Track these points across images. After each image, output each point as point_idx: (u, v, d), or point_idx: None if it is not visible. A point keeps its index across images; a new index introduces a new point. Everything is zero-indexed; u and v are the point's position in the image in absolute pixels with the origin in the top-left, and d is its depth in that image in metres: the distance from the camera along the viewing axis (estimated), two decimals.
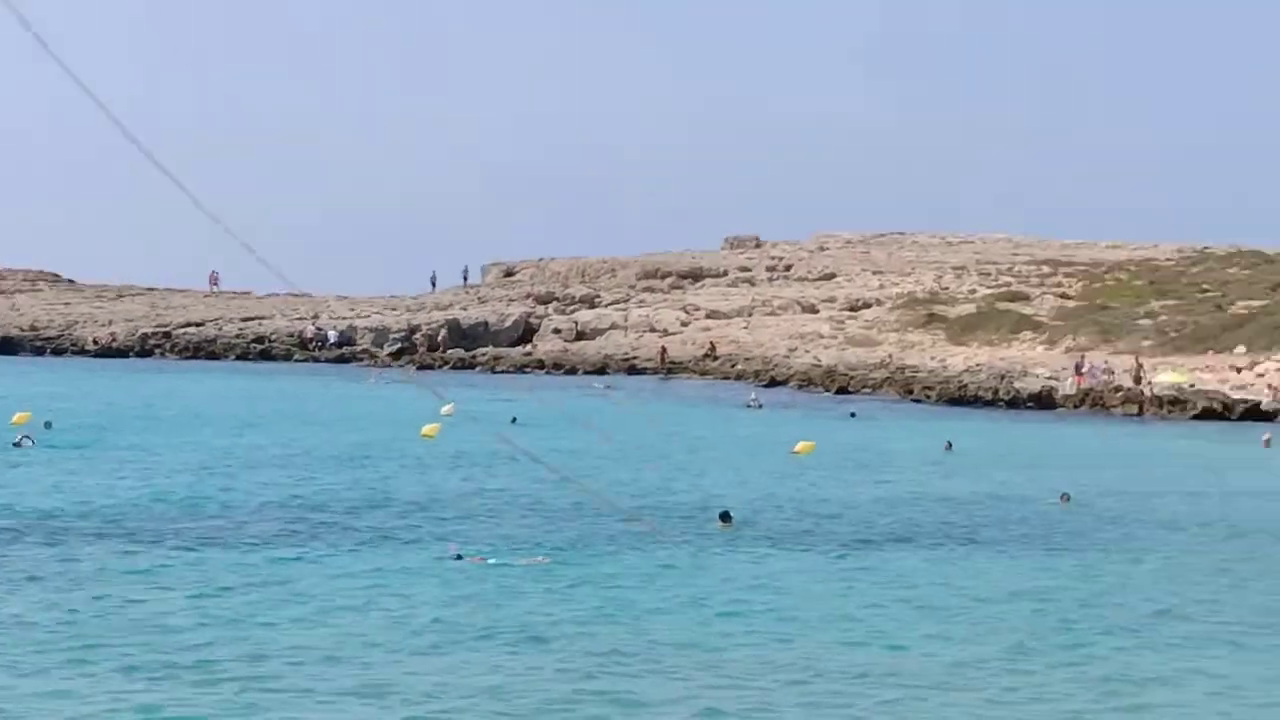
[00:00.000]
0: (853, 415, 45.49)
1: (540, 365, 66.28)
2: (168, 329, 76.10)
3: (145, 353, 73.02)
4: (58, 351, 73.43)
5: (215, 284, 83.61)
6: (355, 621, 13.06)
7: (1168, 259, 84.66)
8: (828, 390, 55.40)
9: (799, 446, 31.65)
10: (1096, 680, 11.40)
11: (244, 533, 19.34)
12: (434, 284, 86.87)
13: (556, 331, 73.01)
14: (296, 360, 72.35)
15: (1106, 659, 12.26)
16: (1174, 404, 47.12)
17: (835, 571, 17.41)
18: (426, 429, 32.85)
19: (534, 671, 11.03)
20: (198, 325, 76.81)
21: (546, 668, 11.19)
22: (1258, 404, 45.48)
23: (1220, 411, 45.29)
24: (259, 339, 75.91)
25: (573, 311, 76.45)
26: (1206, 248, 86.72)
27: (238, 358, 71.93)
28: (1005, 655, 12.26)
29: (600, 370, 64.02)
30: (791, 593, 15.50)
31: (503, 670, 11.06)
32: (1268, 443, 36.30)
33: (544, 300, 78.20)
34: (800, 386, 56.97)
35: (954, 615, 14.35)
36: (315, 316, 77.33)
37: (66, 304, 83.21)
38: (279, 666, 10.99)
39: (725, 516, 20.18)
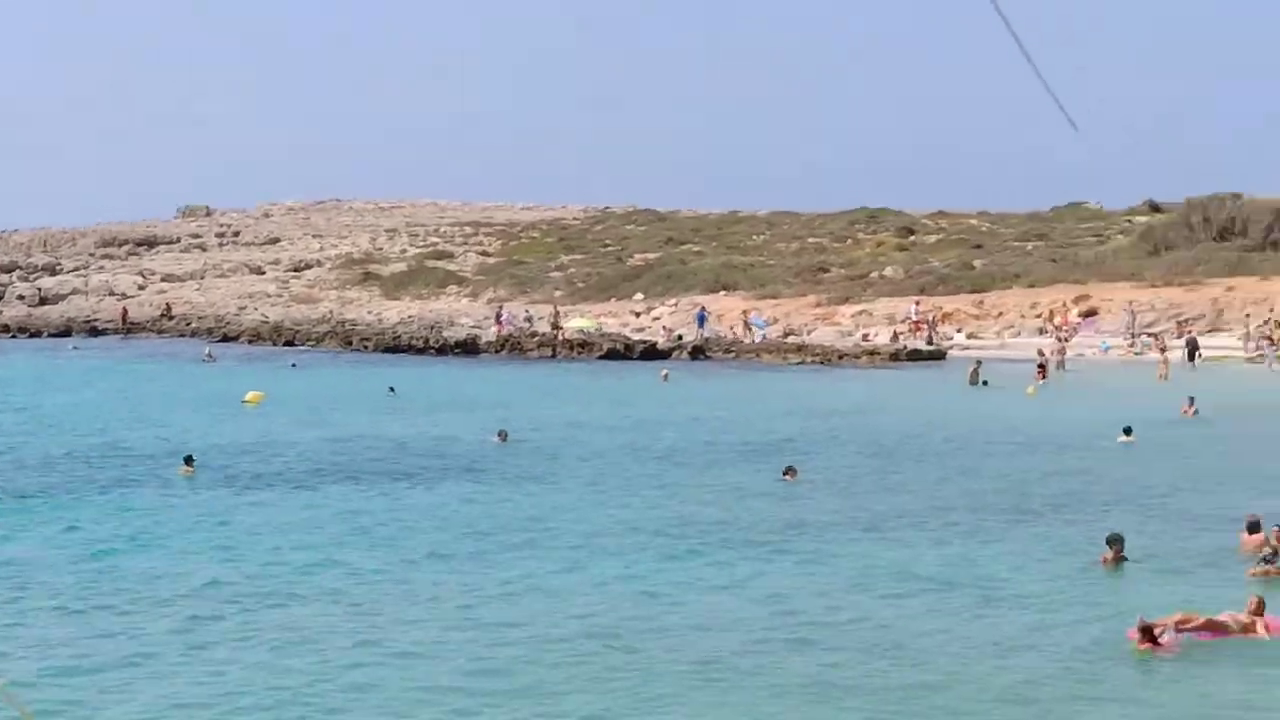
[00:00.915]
0: (294, 365, 46.85)
1: (5, 329, 68.28)
2: None
3: None
4: None
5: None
6: None
7: (575, 219, 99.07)
8: (275, 344, 58.80)
9: (249, 396, 33.59)
10: (496, 584, 13.67)
11: None
12: None
13: (21, 298, 77.32)
14: None
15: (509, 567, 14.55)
16: (583, 346, 51.39)
17: (290, 507, 18.65)
18: None
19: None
20: None
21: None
22: (654, 344, 51.24)
23: (623, 351, 50.23)
24: None
25: (36, 279, 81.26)
26: (608, 208, 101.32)
27: None
28: (438, 567, 14.66)
29: (65, 333, 66.85)
30: (247, 527, 16.90)
31: None
32: (665, 377, 41.07)
33: (7, 269, 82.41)
34: (251, 341, 60.77)
35: (400, 540, 16.13)
36: None
37: None
38: None
39: (189, 460, 21.45)
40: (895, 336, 50.13)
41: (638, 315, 61.59)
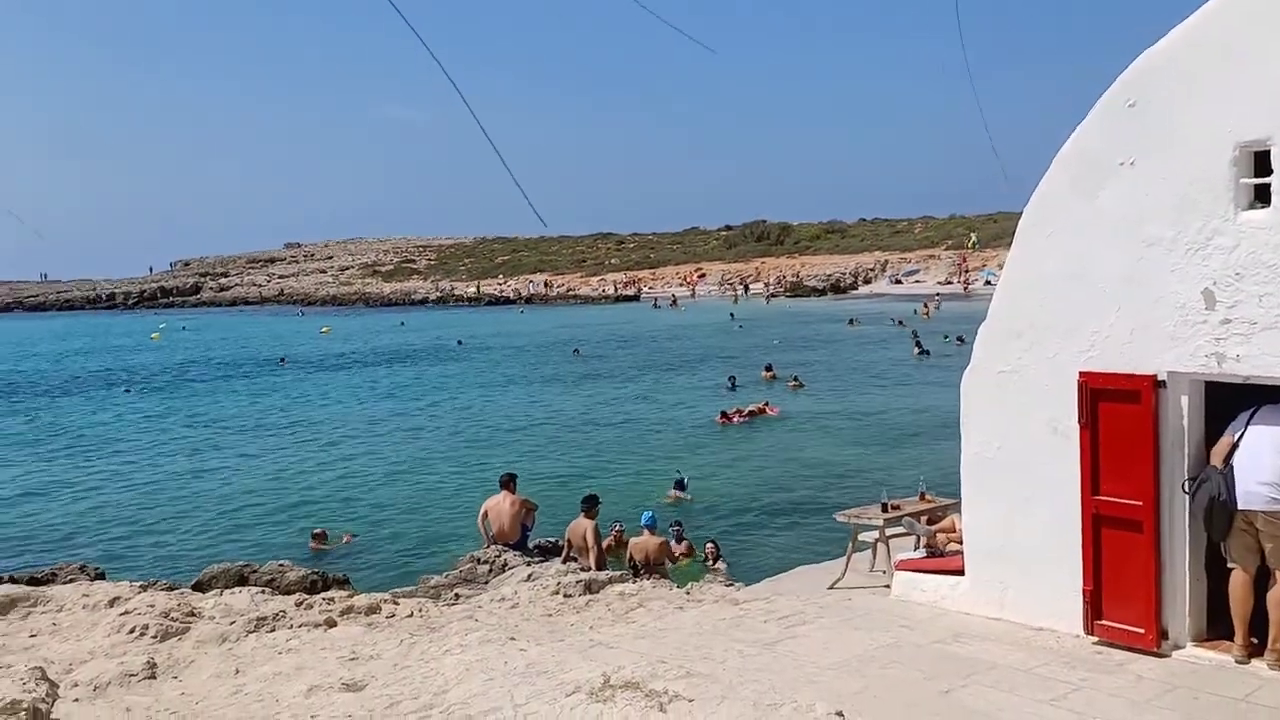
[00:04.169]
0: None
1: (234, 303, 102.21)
2: None
3: None
4: None
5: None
6: None
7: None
8: (338, 305, 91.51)
9: (323, 328, 62.18)
10: None
11: None
12: None
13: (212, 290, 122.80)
14: None
15: None
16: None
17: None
18: None
19: None
20: None
21: None
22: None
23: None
24: None
25: (220, 280, 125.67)
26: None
27: None
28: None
29: (231, 304, 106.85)
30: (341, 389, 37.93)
31: None
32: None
33: (202, 275, 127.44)
34: (325, 304, 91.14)
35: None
36: None
37: None
38: None
39: (282, 360, 34.11)
40: None
41: None
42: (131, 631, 7.60)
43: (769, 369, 33.63)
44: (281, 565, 12.11)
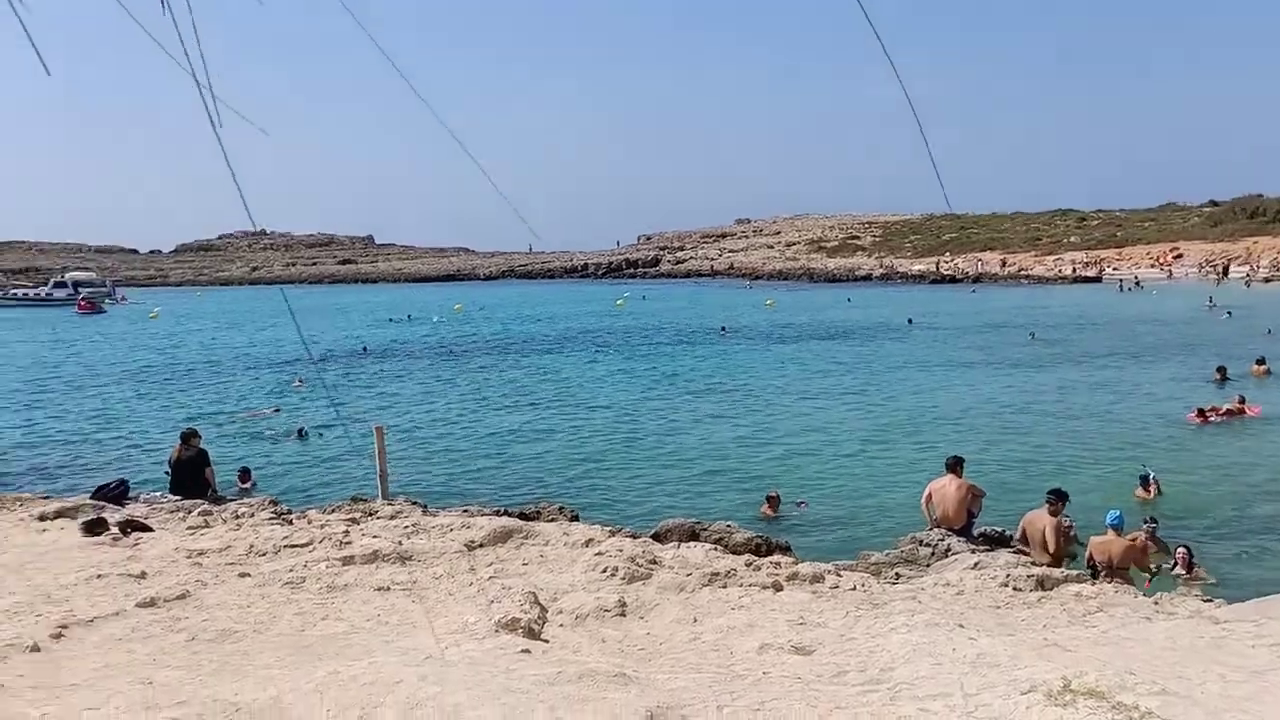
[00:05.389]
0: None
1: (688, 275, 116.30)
2: None
3: None
4: None
5: None
6: None
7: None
8: (785, 280, 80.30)
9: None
10: None
11: None
12: None
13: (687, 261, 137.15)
14: None
15: None
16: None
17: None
18: None
19: None
20: None
21: None
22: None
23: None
24: None
25: (694, 253, 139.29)
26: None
27: None
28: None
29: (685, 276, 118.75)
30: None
31: None
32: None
33: (666, 249, 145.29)
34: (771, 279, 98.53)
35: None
36: None
37: None
38: None
39: (722, 327, 38.34)
40: None
41: None
42: (604, 571, 8.42)
43: (1261, 362, 29.57)
44: (729, 526, 12.78)
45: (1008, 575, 8.88)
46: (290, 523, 11.53)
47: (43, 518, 11.43)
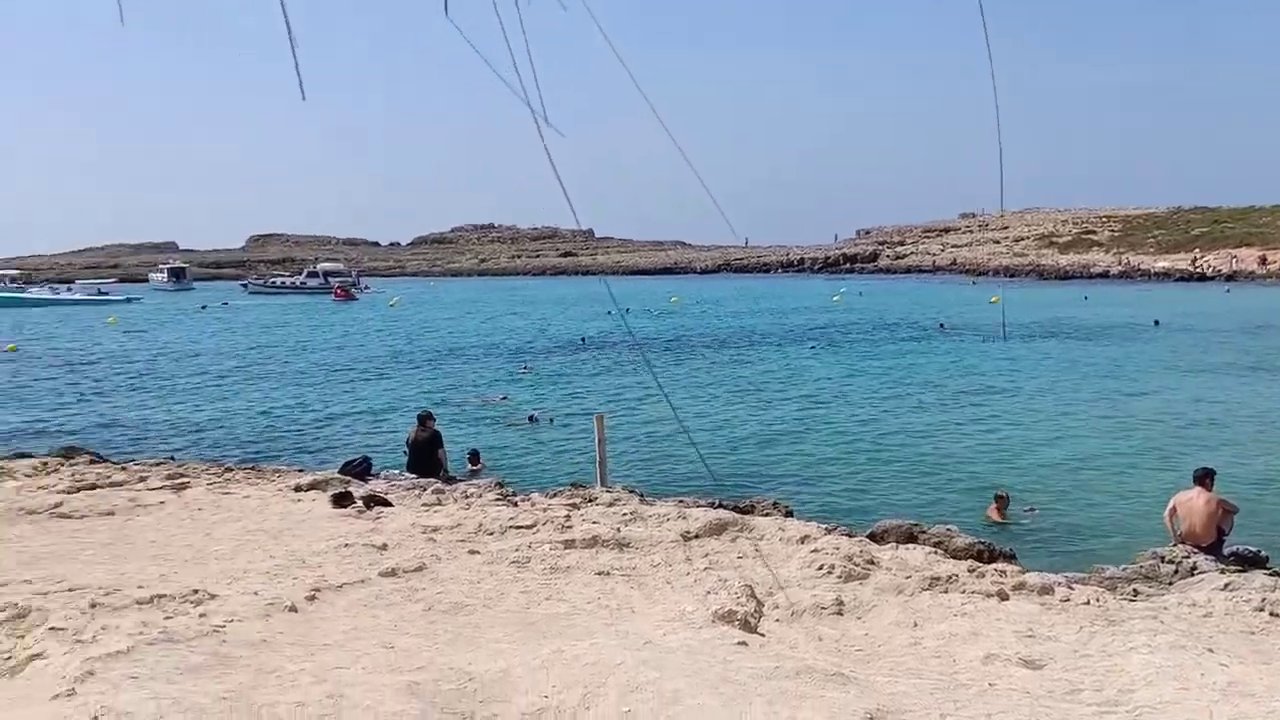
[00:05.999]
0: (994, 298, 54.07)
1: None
2: None
3: None
4: None
5: None
6: None
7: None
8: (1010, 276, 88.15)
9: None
10: None
11: None
12: None
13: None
14: None
15: None
16: None
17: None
18: None
19: None
20: None
21: None
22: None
23: None
24: None
25: (897, 250, 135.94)
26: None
27: None
28: None
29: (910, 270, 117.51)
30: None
31: None
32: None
33: (882, 244, 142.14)
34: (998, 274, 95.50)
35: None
36: None
37: None
38: None
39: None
40: None
41: None
42: (820, 569, 8.34)
43: None
44: (949, 529, 12.36)
45: (1263, 599, 8.17)
46: (515, 505, 12.06)
47: (298, 489, 12.44)
